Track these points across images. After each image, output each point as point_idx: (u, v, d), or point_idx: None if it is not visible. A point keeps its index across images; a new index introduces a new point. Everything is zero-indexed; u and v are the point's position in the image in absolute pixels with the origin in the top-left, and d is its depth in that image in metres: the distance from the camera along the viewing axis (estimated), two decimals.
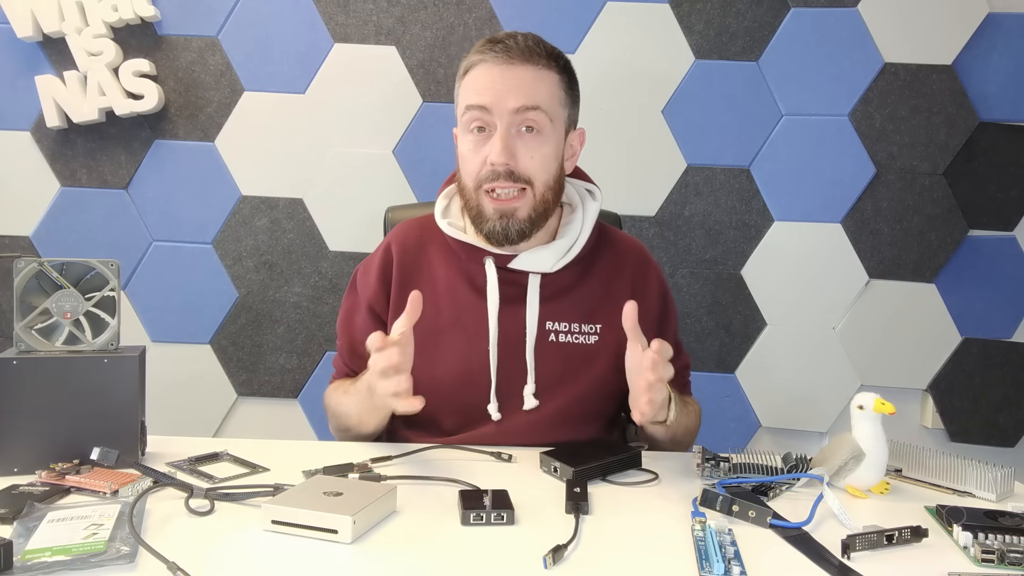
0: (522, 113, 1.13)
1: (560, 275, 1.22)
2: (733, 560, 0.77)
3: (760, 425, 2.10)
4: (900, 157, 2.02)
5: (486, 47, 1.16)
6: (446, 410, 1.19)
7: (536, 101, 1.14)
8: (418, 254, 1.26)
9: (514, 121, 1.14)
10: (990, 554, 0.80)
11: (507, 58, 1.14)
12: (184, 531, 0.82)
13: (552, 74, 1.17)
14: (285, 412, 2.12)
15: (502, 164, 1.13)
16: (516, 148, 1.14)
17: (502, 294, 1.19)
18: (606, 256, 1.27)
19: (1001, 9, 1.98)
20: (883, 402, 0.98)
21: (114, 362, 0.99)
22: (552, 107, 1.16)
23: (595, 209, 1.26)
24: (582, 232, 1.23)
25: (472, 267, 1.22)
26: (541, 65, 1.15)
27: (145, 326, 2.09)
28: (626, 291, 1.24)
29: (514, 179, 1.15)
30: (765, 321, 2.07)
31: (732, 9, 2.02)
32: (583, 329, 1.21)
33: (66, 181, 2.07)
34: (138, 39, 2.03)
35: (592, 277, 1.24)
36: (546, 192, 1.18)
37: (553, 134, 1.17)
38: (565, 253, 1.21)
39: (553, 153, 1.18)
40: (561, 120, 1.19)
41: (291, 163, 2.06)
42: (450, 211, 1.27)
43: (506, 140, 1.13)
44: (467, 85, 1.17)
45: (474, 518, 0.85)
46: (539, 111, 1.14)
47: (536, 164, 1.15)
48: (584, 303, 1.22)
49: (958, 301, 2.05)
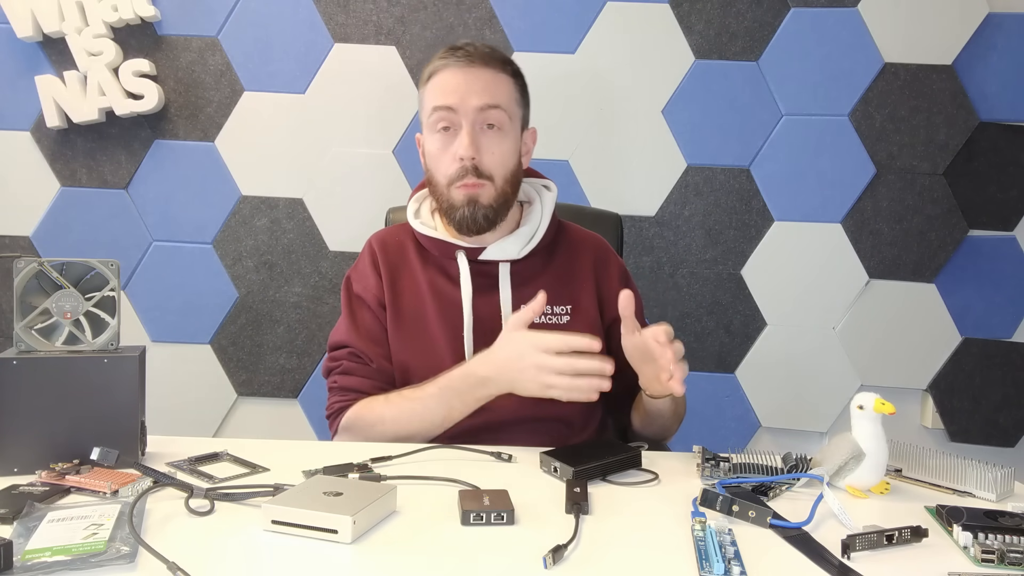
0: (485, 111, 1.24)
1: (527, 263, 1.31)
2: (733, 560, 0.77)
3: (760, 425, 2.10)
4: (900, 157, 2.02)
5: (448, 53, 1.27)
6: None
7: (497, 100, 1.25)
8: (399, 254, 1.34)
9: (478, 119, 1.25)
10: (990, 554, 0.80)
11: (469, 62, 1.25)
12: (184, 531, 0.82)
13: (507, 77, 1.29)
14: (285, 412, 2.12)
15: (469, 158, 1.23)
16: (480, 143, 1.25)
17: (476, 284, 1.28)
18: (566, 244, 1.37)
19: (1001, 9, 1.98)
20: (883, 402, 0.98)
21: (114, 362, 0.99)
22: (510, 106, 1.28)
23: (551, 199, 1.36)
24: (542, 220, 1.33)
25: (445, 261, 1.31)
26: (498, 69, 1.27)
27: (145, 326, 2.09)
28: (588, 272, 1.34)
29: (478, 175, 1.25)
30: (765, 321, 2.07)
31: (732, 9, 2.02)
32: (555, 311, 1.30)
33: (66, 181, 2.07)
34: (138, 39, 2.03)
35: (556, 263, 1.34)
36: (505, 186, 1.28)
37: (512, 131, 1.28)
38: (529, 240, 1.31)
39: (512, 148, 1.29)
40: (517, 119, 1.31)
41: (291, 163, 2.07)
42: (421, 213, 1.36)
43: (472, 135, 1.24)
44: (432, 88, 1.28)
45: (474, 518, 0.85)
46: (499, 110, 1.25)
47: (497, 159, 1.26)
48: (552, 287, 1.28)
49: (958, 301, 2.05)
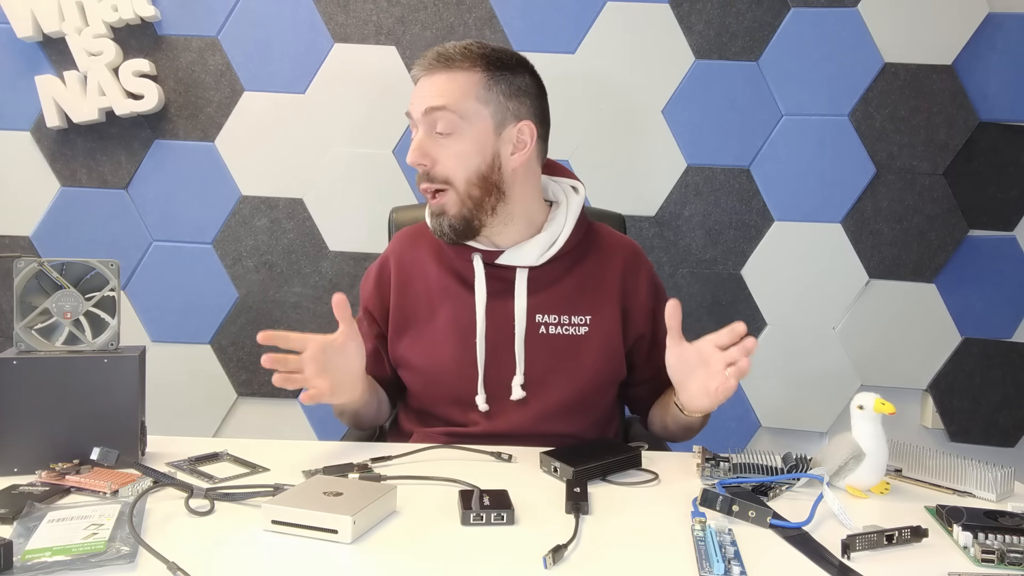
0: (429, 115, 1.18)
1: (547, 269, 1.25)
2: (733, 560, 0.77)
3: (760, 425, 2.10)
4: (900, 157, 2.02)
5: (419, 60, 1.22)
6: (442, 402, 1.25)
7: (441, 102, 1.18)
8: (413, 259, 1.30)
9: (425, 123, 1.20)
10: (990, 554, 0.80)
11: (427, 67, 1.20)
12: (184, 531, 0.82)
13: (468, 74, 1.19)
14: (285, 412, 2.12)
15: (415, 163, 1.20)
16: (429, 149, 1.19)
17: (491, 289, 1.24)
18: (595, 250, 1.30)
19: (1001, 9, 1.98)
20: (883, 402, 0.98)
21: (114, 362, 0.99)
22: (462, 104, 1.18)
23: (578, 203, 1.29)
24: (565, 226, 1.26)
25: (460, 264, 1.26)
26: (456, 68, 1.19)
27: (145, 326, 2.09)
28: (616, 283, 1.27)
29: (430, 179, 1.20)
30: (765, 321, 2.07)
31: (732, 9, 2.02)
32: (573, 321, 1.24)
33: (66, 181, 2.07)
34: (138, 39, 2.03)
35: (580, 269, 1.27)
36: (470, 188, 1.20)
37: (470, 131, 1.19)
38: (549, 246, 1.24)
39: (472, 149, 1.19)
40: (481, 115, 1.19)
41: (291, 163, 2.06)
42: None
43: (418, 141, 1.20)
44: None
45: (474, 518, 0.85)
46: (444, 111, 1.18)
47: (452, 163, 1.19)
48: (573, 295, 1.25)
49: (958, 301, 2.05)
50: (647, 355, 1.29)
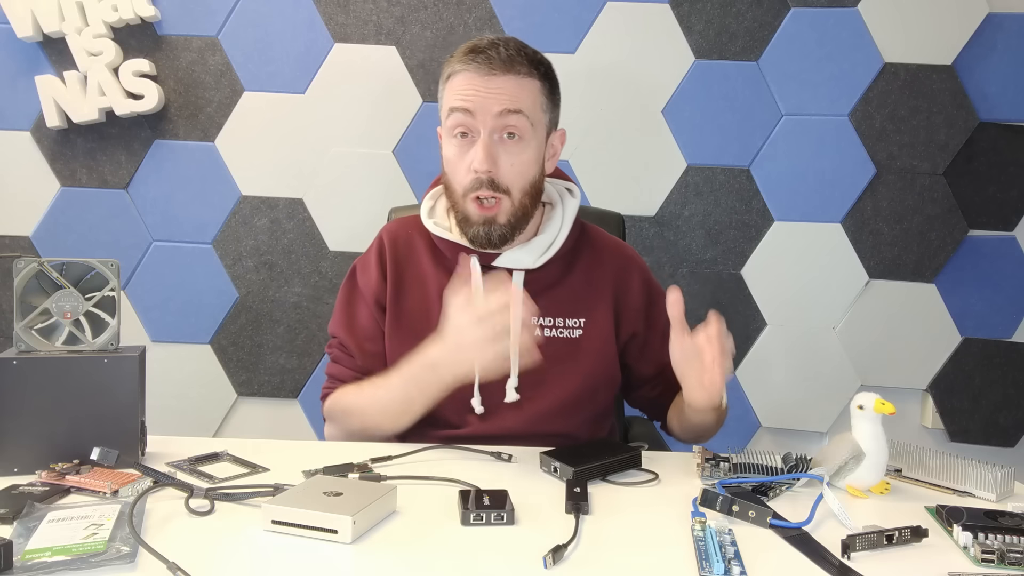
0: (504, 117, 1.16)
1: (544, 272, 1.25)
2: (733, 560, 0.77)
3: (760, 425, 2.10)
4: (900, 157, 2.02)
5: (468, 57, 1.17)
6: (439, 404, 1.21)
7: (518, 105, 1.16)
8: (408, 251, 1.29)
9: (496, 126, 1.16)
10: (990, 554, 0.80)
11: (489, 69, 1.16)
12: (184, 531, 0.82)
13: (533, 80, 1.19)
14: (285, 412, 2.12)
15: (484, 172, 1.16)
16: (497, 155, 1.17)
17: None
18: (588, 251, 1.30)
19: (1001, 9, 1.98)
20: (883, 402, 0.98)
21: (114, 362, 0.99)
22: (533, 112, 1.19)
23: (574, 206, 1.29)
24: (562, 228, 1.26)
25: (457, 265, 1.25)
26: (522, 73, 1.18)
27: (145, 326, 2.09)
28: (609, 284, 1.28)
29: (494, 188, 1.17)
30: (765, 321, 2.07)
31: (732, 9, 2.02)
32: (567, 323, 1.24)
33: (66, 181, 2.07)
34: (138, 39, 2.03)
35: (575, 272, 1.27)
36: (524, 198, 1.20)
37: (534, 139, 1.20)
38: (546, 249, 1.24)
39: (533, 158, 1.20)
40: (542, 124, 1.22)
41: (291, 163, 2.06)
42: (435, 212, 1.30)
43: (488, 147, 1.16)
44: (450, 89, 1.19)
45: (474, 518, 0.85)
46: (520, 115, 1.16)
47: (515, 171, 1.18)
48: (568, 298, 1.25)
49: (958, 301, 2.05)
50: (640, 352, 1.29)
